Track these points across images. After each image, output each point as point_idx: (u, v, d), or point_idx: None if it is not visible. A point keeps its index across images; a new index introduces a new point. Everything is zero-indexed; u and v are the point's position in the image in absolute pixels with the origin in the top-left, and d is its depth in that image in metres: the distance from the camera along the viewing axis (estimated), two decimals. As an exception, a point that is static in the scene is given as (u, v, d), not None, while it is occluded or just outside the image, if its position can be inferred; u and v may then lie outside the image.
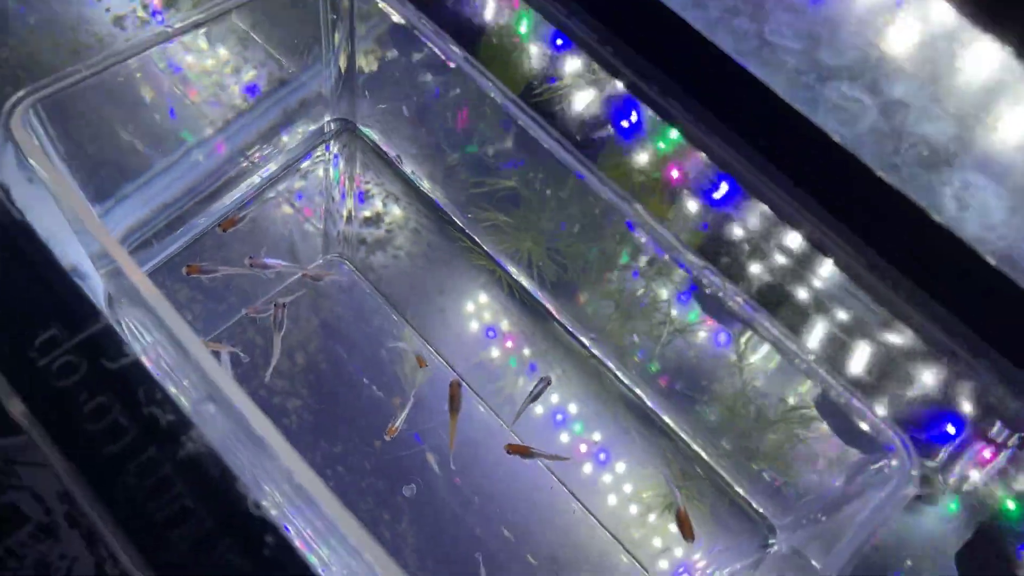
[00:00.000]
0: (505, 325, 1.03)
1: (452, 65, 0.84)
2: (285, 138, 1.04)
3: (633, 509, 0.95)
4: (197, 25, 0.76)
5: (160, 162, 0.95)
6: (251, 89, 1.00)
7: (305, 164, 1.06)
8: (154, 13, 1.05)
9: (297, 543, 0.53)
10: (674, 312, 0.93)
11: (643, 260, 0.91)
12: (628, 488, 0.95)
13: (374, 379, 0.99)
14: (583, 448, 0.97)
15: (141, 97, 0.96)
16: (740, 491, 0.93)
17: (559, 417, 0.98)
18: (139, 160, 0.94)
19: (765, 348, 0.87)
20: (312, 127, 1.04)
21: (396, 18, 0.85)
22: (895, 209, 0.62)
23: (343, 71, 0.98)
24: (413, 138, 1.03)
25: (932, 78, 0.72)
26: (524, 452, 0.92)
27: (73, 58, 1.02)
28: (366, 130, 1.05)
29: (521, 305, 1.03)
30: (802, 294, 0.79)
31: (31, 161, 0.63)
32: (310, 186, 1.08)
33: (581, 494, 0.94)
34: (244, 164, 1.02)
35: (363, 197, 1.09)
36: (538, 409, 0.98)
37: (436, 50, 0.83)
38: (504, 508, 0.92)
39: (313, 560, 0.54)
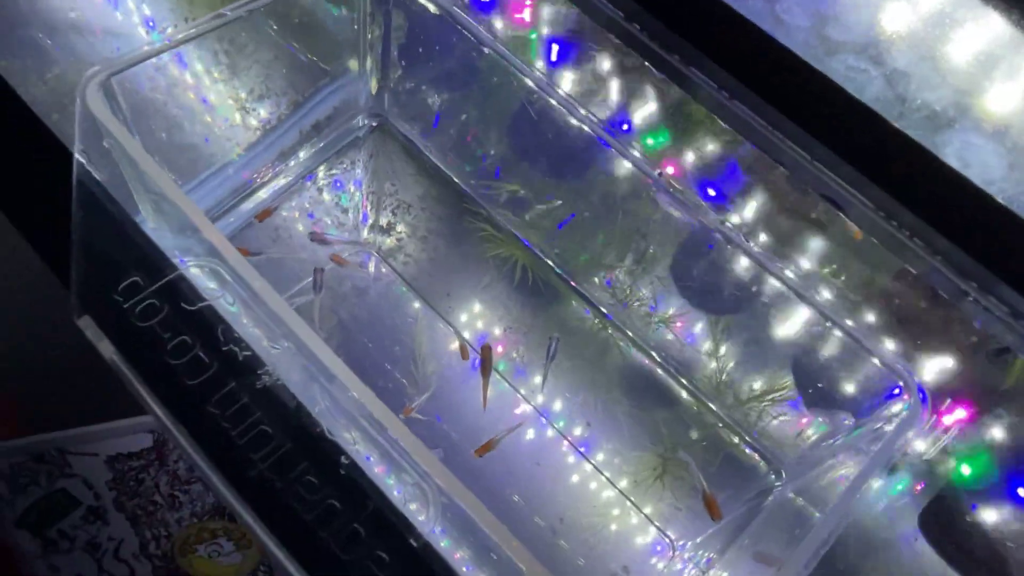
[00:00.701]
0: (514, 312, 1.07)
1: (486, 51, 0.90)
2: (319, 134, 1.09)
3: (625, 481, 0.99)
4: (251, 12, 0.82)
5: (207, 161, 1.01)
6: (287, 88, 1.06)
7: (338, 159, 1.12)
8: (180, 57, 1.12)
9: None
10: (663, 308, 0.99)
11: (650, 239, 0.97)
12: (617, 461, 0.99)
13: (396, 362, 1.03)
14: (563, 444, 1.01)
15: (189, 99, 1.02)
16: (746, 437, 0.98)
17: (543, 420, 1.02)
18: (191, 157, 1.00)
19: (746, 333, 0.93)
20: (346, 123, 1.10)
21: (432, 8, 0.91)
22: (908, 156, 0.68)
23: (378, 69, 1.04)
24: (444, 133, 1.09)
25: (931, 49, 0.78)
26: (489, 446, 0.95)
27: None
28: (398, 126, 1.11)
29: (531, 291, 1.07)
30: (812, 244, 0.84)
31: (108, 127, 0.69)
32: (343, 179, 1.13)
33: (589, 456, 0.99)
34: (279, 163, 1.07)
35: (390, 191, 1.14)
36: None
37: (471, 36, 0.89)
38: (515, 475, 0.96)
39: (388, 482, 0.59)
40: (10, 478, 0.70)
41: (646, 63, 0.80)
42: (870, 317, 0.83)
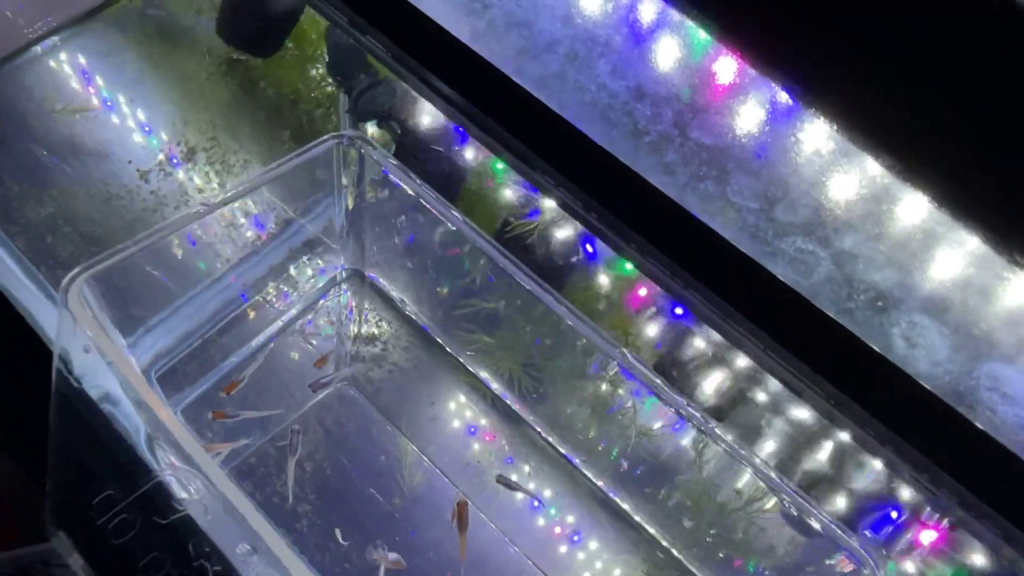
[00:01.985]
0: (486, 426, 1.11)
1: (451, 226, 0.95)
2: (300, 283, 1.14)
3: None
4: (237, 197, 0.86)
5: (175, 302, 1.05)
6: (267, 243, 1.10)
7: (317, 305, 1.16)
8: (175, 163, 1.17)
9: None
10: (640, 420, 1.02)
11: (608, 374, 1.01)
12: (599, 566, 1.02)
13: (374, 484, 1.05)
14: (557, 530, 1.04)
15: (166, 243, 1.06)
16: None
17: (535, 503, 1.06)
18: (164, 294, 1.04)
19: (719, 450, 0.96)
20: (324, 274, 1.14)
21: (401, 185, 0.96)
22: (850, 349, 0.71)
23: (351, 225, 1.09)
24: (412, 282, 1.13)
25: (875, 230, 0.83)
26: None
27: (105, 207, 1.13)
28: (373, 276, 1.15)
29: (501, 413, 1.11)
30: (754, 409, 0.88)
31: (89, 335, 0.71)
32: (320, 323, 1.17)
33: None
34: (257, 315, 1.11)
35: (365, 331, 1.18)
36: (518, 495, 1.05)
37: (436, 212, 0.94)
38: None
39: None
40: None
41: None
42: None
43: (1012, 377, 0.74)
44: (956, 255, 0.83)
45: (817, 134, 0.88)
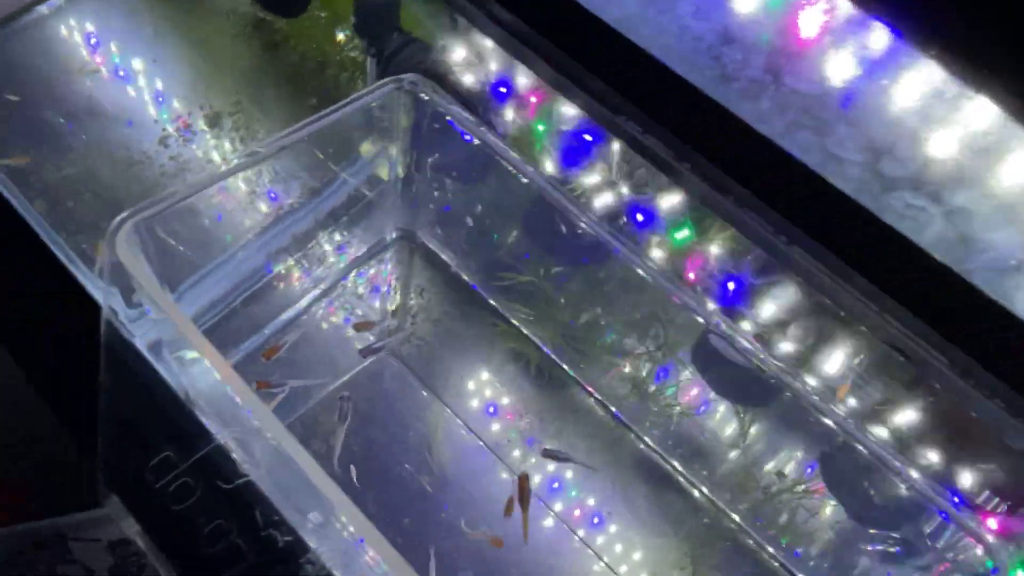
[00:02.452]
0: (523, 401, 1.05)
1: (526, 181, 0.88)
2: (346, 244, 1.07)
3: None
4: (282, 148, 0.79)
5: (217, 259, 0.99)
6: (313, 199, 1.04)
7: (363, 267, 1.10)
8: (196, 129, 1.12)
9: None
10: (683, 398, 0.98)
11: (665, 335, 0.95)
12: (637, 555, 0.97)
13: (410, 457, 1.00)
14: (592, 502, 0.99)
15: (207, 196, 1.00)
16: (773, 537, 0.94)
17: (555, 485, 1.00)
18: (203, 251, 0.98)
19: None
20: (372, 235, 1.07)
21: (472, 138, 0.89)
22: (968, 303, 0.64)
23: (405, 182, 1.02)
24: (470, 246, 1.07)
25: (993, 184, 0.76)
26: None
27: (127, 172, 1.07)
28: (425, 237, 1.08)
29: (544, 383, 1.05)
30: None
31: (140, 282, 0.65)
32: (365, 286, 1.11)
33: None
34: (299, 278, 1.05)
35: (412, 297, 1.12)
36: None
37: (512, 167, 0.87)
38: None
39: None
40: (7, 566, 0.66)
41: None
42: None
43: None
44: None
45: (927, 78, 0.80)
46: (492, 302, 1.07)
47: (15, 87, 1.09)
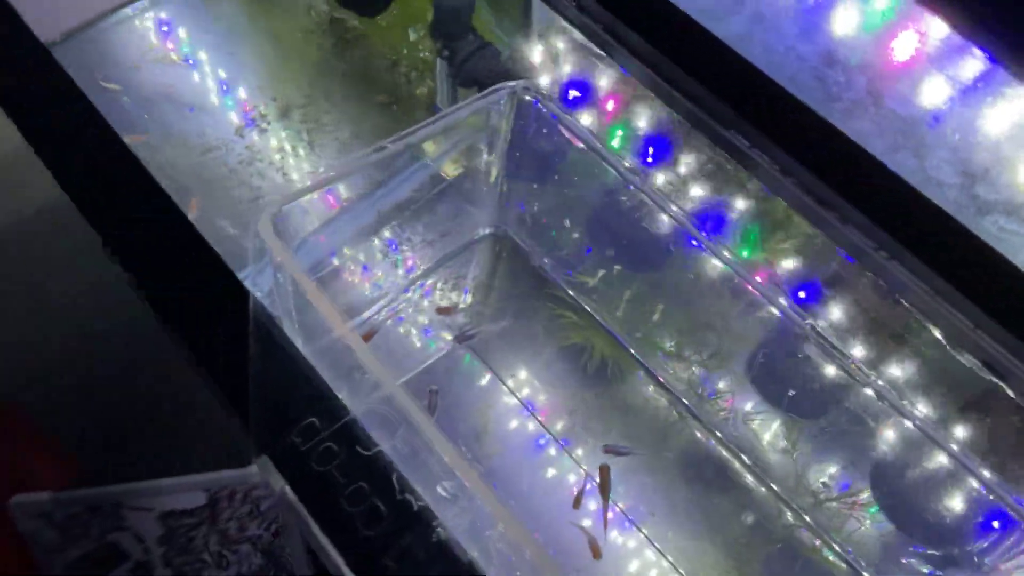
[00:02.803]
0: (587, 396, 1.08)
1: (634, 190, 0.92)
2: (438, 239, 1.12)
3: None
4: (409, 145, 0.85)
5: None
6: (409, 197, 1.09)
7: (452, 263, 1.14)
8: (249, 124, 1.17)
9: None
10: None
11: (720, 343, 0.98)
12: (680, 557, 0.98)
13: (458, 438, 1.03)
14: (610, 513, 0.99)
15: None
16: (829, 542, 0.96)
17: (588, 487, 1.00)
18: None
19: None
20: (465, 233, 1.12)
21: (579, 143, 0.94)
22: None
23: (502, 182, 1.07)
24: (556, 243, 1.11)
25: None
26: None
27: (203, 159, 1.13)
28: (514, 236, 1.13)
29: (606, 378, 1.07)
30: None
31: (282, 264, 0.71)
32: (450, 284, 1.15)
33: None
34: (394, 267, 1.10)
35: (496, 295, 1.16)
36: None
37: (618, 173, 0.91)
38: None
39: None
40: (63, 528, 0.70)
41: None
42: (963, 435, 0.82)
43: None
44: None
45: (1022, 104, 0.84)
46: (565, 296, 1.11)
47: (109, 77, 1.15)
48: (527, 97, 0.96)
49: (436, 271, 1.14)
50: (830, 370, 0.89)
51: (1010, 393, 0.72)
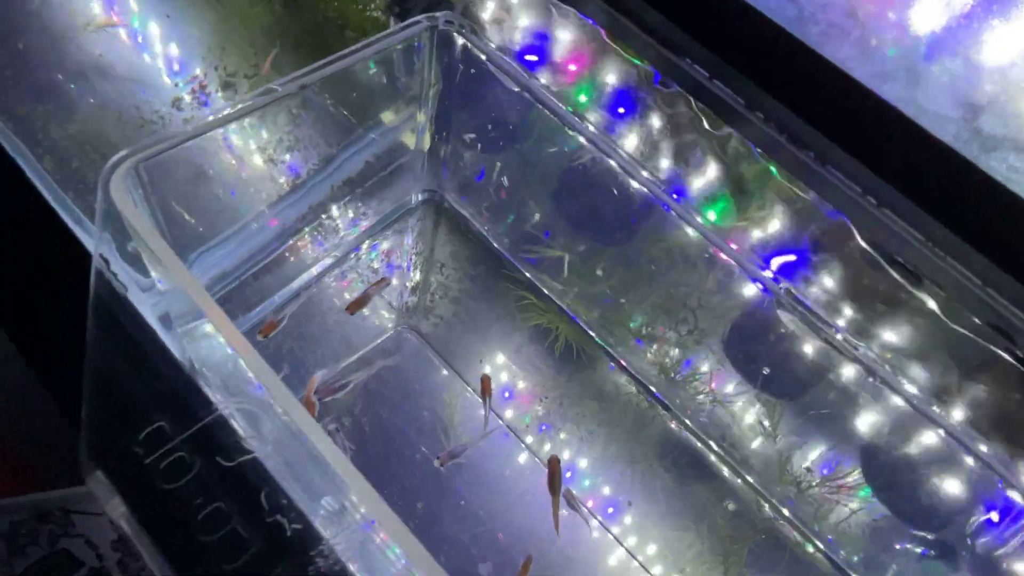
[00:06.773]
0: (552, 381, 0.99)
1: (577, 137, 0.79)
2: (365, 207, 0.99)
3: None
4: (302, 87, 0.71)
5: (233, 226, 0.91)
6: (338, 158, 0.96)
7: (384, 234, 1.01)
8: (205, 102, 1.04)
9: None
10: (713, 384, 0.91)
11: (697, 320, 0.88)
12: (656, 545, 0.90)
13: (423, 431, 0.94)
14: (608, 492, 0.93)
15: (217, 166, 0.93)
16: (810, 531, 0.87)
17: (568, 474, 0.93)
18: (212, 224, 0.91)
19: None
20: (394, 199, 0.99)
21: (513, 87, 0.80)
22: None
23: (432, 138, 0.94)
24: (504, 209, 0.98)
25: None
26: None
27: (140, 133, 1.00)
28: (451, 201, 1.00)
29: (571, 360, 0.98)
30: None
31: (135, 227, 0.57)
32: (385, 255, 1.03)
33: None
34: (310, 245, 0.97)
35: (435, 267, 1.04)
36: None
37: (560, 120, 0.78)
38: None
39: None
40: (9, 538, 0.64)
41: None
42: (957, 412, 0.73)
43: None
44: None
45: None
46: (520, 275, 0.99)
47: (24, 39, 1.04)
48: (457, 34, 0.83)
49: (367, 240, 1.01)
50: (813, 343, 0.78)
51: (1020, 353, 0.59)
